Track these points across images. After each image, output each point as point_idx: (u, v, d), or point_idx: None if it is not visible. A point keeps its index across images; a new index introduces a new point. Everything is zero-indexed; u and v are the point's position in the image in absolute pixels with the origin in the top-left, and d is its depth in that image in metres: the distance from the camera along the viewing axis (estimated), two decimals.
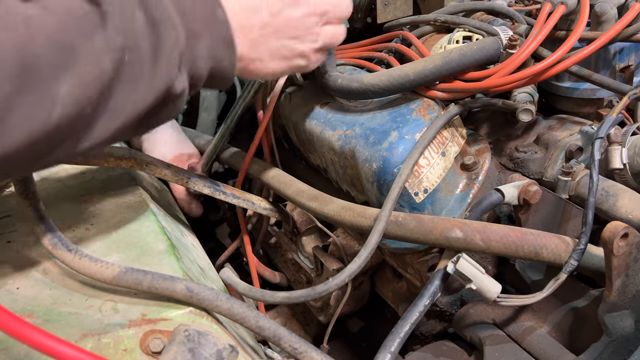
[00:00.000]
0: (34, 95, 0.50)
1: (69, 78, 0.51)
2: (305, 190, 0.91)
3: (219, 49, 0.65)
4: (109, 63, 0.54)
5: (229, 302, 0.59)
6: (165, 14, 0.60)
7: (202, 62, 0.63)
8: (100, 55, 0.54)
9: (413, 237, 0.74)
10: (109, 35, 0.54)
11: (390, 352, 0.65)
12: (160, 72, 0.59)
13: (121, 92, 0.56)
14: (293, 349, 0.59)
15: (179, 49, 0.61)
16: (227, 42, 0.65)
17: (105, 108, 0.56)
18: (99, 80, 0.54)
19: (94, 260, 0.62)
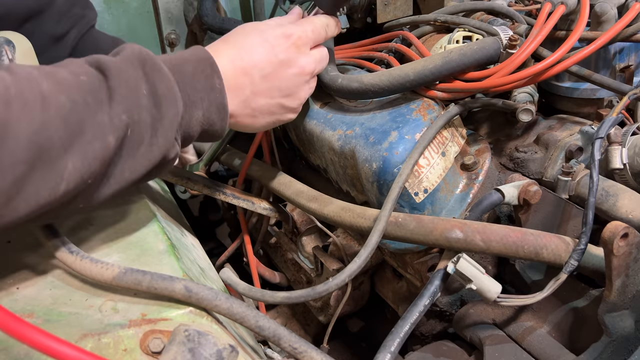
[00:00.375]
0: (44, 175, 0.52)
1: (75, 155, 0.54)
2: (305, 191, 0.91)
3: (212, 115, 0.69)
4: (113, 140, 0.57)
5: (228, 301, 0.59)
6: (168, 88, 0.63)
7: (196, 126, 0.68)
8: (106, 133, 0.57)
9: (413, 238, 0.74)
10: (115, 112, 0.58)
11: (390, 352, 0.65)
12: (158, 144, 0.63)
13: (121, 163, 0.60)
14: (293, 348, 0.59)
15: (177, 121, 0.64)
16: (221, 108, 0.70)
17: (106, 177, 0.59)
18: (102, 155, 0.57)
19: (95, 261, 0.61)
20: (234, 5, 1.63)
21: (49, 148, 0.52)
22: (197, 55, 0.69)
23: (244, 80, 0.74)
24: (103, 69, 0.59)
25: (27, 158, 0.50)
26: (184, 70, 0.67)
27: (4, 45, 0.76)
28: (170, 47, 1.54)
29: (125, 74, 0.60)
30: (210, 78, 0.68)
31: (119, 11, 1.46)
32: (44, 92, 0.53)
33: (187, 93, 0.66)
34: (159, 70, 0.63)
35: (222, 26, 1.40)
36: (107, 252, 0.68)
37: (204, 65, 0.69)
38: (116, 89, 0.58)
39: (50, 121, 0.52)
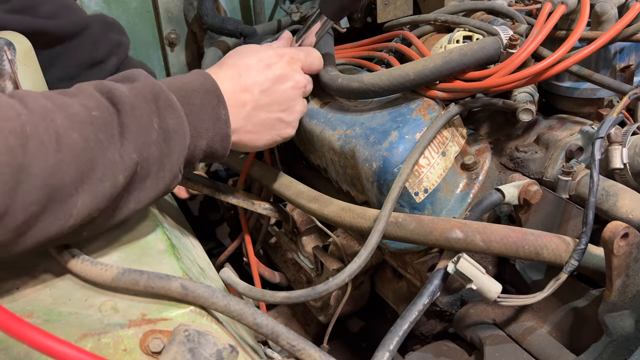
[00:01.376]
0: (54, 213, 0.53)
1: (86, 193, 0.55)
2: (305, 191, 0.91)
3: (216, 144, 0.72)
4: (122, 179, 0.59)
5: (226, 299, 0.59)
6: (178, 123, 0.65)
7: (199, 155, 0.71)
8: (116, 172, 0.58)
9: (413, 238, 0.74)
10: (126, 150, 0.59)
11: (389, 350, 0.65)
12: (164, 177, 0.65)
13: (127, 197, 0.62)
14: (291, 346, 0.59)
15: (184, 155, 0.67)
16: (225, 137, 0.73)
17: (112, 210, 0.61)
18: (111, 194, 0.58)
19: (94, 263, 0.62)
20: (234, 5, 1.64)
21: (61, 188, 0.53)
22: (205, 86, 0.71)
23: (245, 97, 0.77)
24: (115, 103, 0.60)
25: (40, 199, 0.51)
26: (192, 102, 0.69)
27: (4, 46, 0.76)
28: (170, 46, 1.54)
29: (139, 111, 0.61)
30: (217, 109, 0.71)
31: (119, 11, 1.46)
32: (59, 131, 0.53)
33: (194, 125, 0.68)
34: (170, 105, 0.65)
35: (222, 26, 1.40)
36: (107, 252, 0.68)
37: (211, 97, 0.71)
38: (128, 126, 0.59)
39: (64, 161, 0.53)
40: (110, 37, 1.10)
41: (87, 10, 1.38)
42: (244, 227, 1.13)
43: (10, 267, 0.64)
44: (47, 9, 0.97)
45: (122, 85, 0.63)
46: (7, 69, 0.75)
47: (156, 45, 1.55)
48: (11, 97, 0.54)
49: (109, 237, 0.71)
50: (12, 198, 0.49)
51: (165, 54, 1.55)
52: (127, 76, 0.66)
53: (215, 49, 1.40)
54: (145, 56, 1.54)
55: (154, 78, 0.67)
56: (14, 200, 0.49)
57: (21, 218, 0.50)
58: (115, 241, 0.71)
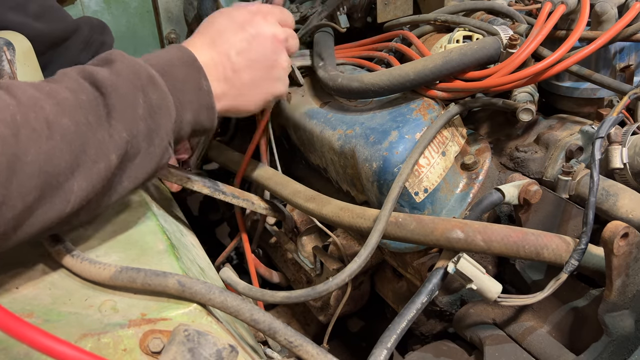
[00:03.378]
0: (52, 199, 0.54)
1: (81, 176, 0.56)
2: (302, 191, 0.91)
3: (201, 115, 0.72)
4: (115, 158, 0.59)
5: (222, 295, 0.59)
6: (162, 97, 0.65)
7: (186, 127, 0.71)
8: (108, 152, 0.58)
9: (413, 238, 0.74)
10: (115, 129, 0.59)
11: (387, 347, 0.65)
12: (155, 152, 0.65)
13: (121, 176, 0.62)
14: (289, 342, 0.59)
15: (171, 127, 0.67)
16: (209, 107, 0.72)
17: (108, 191, 0.61)
18: (106, 174, 0.58)
19: (93, 262, 0.62)
20: None
21: (57, 174, 0.53)
22: (183, 59, 0.71)
23: (222, 60, 0.76)
24: (99, 86, 0.60)
25: (36, 186, 0.51)
26: (173, 75, 0.68)
27: (3, 46, 0.76)
28: None
29: (122, 89, 0.61)
30: (198, 80, 0.71)
31: (119, 11, 1.46)
32: (49, 117, 0.53)
33: (178, 98, 0.68)
34: (152, 81, 0.65)
35: None
36: (107, 252, 0.68)
37: (190, 69, 0.71)
38: (115, 106, 0.60)
39: (57, 147, 0.53)
40: (95, 39, 1.10)
41: (87, 11, 1.38)
42: (240, 227, 1.13)
43: (10, 267, 0.64)
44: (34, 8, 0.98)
45: (102, 68, 0.63)
46: (7, 69, 0.75)
47: (156, 45, 1.55)
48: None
49: (109, 236, 0.71)
50: (8, 188, 0.49)
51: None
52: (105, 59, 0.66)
53: None
54: None
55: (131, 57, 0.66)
56: (10, 189, 0.49)
57: (19, 207, 0.50)
58: (115, 241, 0.71)
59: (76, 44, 1.06)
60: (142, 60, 0.67)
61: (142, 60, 0.67)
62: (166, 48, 0.74)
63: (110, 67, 0.64)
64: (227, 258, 1.20)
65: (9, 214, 0.50)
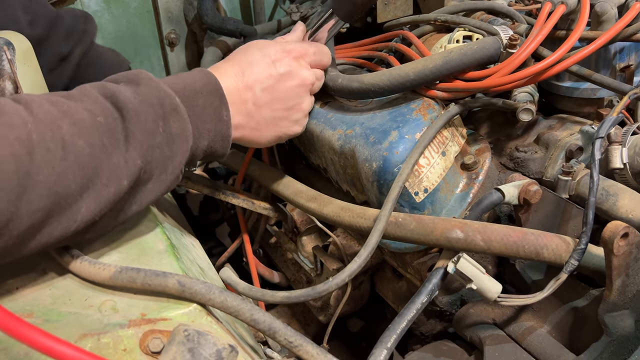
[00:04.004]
0: (59, 219, 0.54)
1: (90, 199, 0.56)
2: (304, 190, 0.91)
3: (217, 144, 0.72)
4: (126, 184, 0.59)
5: (223, 295, 0.59)
6: (182, 127, 0.65)
7: (199, 155, 0.71)
8: (121, 177, 0.58)
9: (413, 238, 0.74)
10: (130, 155, 0.59)
11: (387, 347, 0.65)
12: (166, 180, 0.65)
13: (130, 200, 0.62)
14: (288, 342, 0.59)
15: (186, 157, 0.67)
16: (225, 138, 0.73)
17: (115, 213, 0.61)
18: (115, 198, 0.58)
19: (93, 263, 0.62)
20: (234, 4, 1.64)
21: (66, 195, 0.53)
22: (208, 87, 0.71)
23: (246, 95, 0.76)
24: (120, 107, 0.60)
25: (45, 206, 0.51)
26: (195, 103, 0.69)
27: (3, 46, 0.76)
28: (170, 46, 1.54)
29: (144, 116, 0.61)
30: (219, 110, 0.71)
31: (119, 11, 1.46)
32: (64, 137, 0.53)
33: (197, 126, 0.68)
34: (175, 109, 0.64)
35: (222, 26, 1.40)
36: (107, 252, 0.68)
37: (214, 97, 0.71)
38: (133, 132, 0.59)
39: (70, 168, 0.53)
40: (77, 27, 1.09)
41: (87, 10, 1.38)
42: (242, 227, 1.13)
43: (10, 267, 0.64)
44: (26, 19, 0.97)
45: (126, 88, 0.62)
46: (7, 69, 0.75)
47: (156, 45, 1.55)
48: (16, 102, 0.53)
49: (109, 237, 0.71)
50: (18, 205, 0.49)
51: (165, 53, 1.56)
52: (130, 78, 0.65)
53: (214, 49, 1.40)
54: (145, 56, 1.54)
55: (157, 80, 0.66)
56: (19, 207, 0.49)
57: (26, 224, 0.50)
58: (115, 241, 0.71)
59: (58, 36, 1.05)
60: (167, 84, 0.67)
61: (167, 85, 0.66)
62: (193, 72, 0.74)
63: (135, 88, 0.63)
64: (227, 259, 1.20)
65: (16, 231, 0.50)
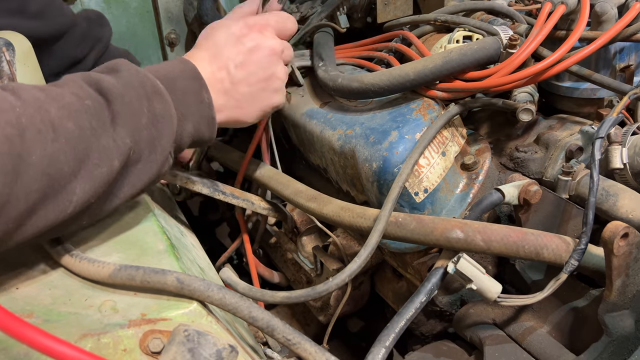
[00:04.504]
0: (54, 201, 0.54)
1: (83, 180, 0.57)
2: (304, 190, 0.91)
3: (202, 127, 0.74)
4: (117, 163, 0.60)
5: (221, 292, 0.59)
6: (165, 107, 0.67)
7: (187, 138, 0.72)
8: (112, 157, 0.59)
9: (413, 238, 0.74)
10: (119, 135, 0.60)
11: (385, 346, 0.65)
12: (155, 160, 0.66)
13: (122, 181, 0.63)
14: (287, 340, 0.59)
15: (173, 137, 0.68)
16: (210, 120, 0.74)
17: (109, 196, 0.62)
18: (108, 179, 0.59)
19: (92, 261, 0.62)
20: (234, 4, 1.63)
21: (60, 176, 0.54)
22: (186, 72, 0.73)
23: (221, 75, 0.78)
24: (104, 93, 0.61)
25: (39, 188, 0.52)
26: (176, 87, 0.70)
27: (2, 47, 0.76)
28: (170, 46, 1.54)
29: (128, 97, 0.62)
30: (199, 93, 0.73)
31: (119, 11, 1.46)
32: (54, 120, 0.54)
33: (180, 109, 0.70)
34: (157, 91, 0.66)
35: None
36: (107, 252, 0.68)
37: (193, 82, 0.73)
38: (119, 113, 0.61)
39: (61, 149, 0.54)
40: (92, 33, 1.11)
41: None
42: (242, 228, 1.13)
43: (10, 267, 0.64)
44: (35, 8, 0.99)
45: (108, 76, 0.64)
46: (6, 70, 0.75)
47: (156, 45, 1.55)
48: (4, 89, 0.55)
49: (109, 237, 0.71)
50: (13, 187, 0.50)
51: (165, 54, 1.55)
52: (110, 67, 0.67)
53: None
54: (145, 56, 1.54)
55: (137, 66, 0.68)
56: (14, 189, 0.50)
57: (22, 207, 0.51)
58: (115, 241, 0.71)
59: (72, 39, 1.07)
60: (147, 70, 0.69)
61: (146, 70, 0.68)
62: (169, 61, 0.76)
63: (116, 75, 0.65)
64: (227, 258, 1.20)
65: (12, 213, 0.51)
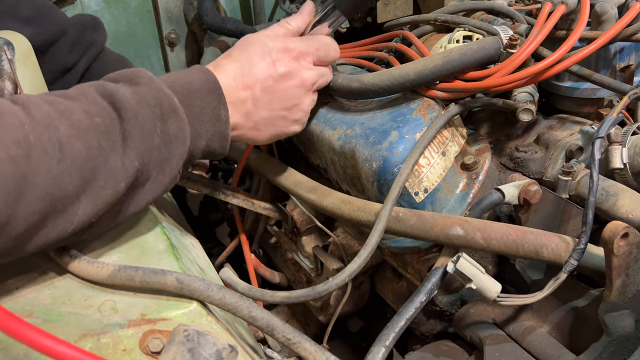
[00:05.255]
0: (55, 222, 0.53)
1: (87, 201, 0.55)
2: (304, 181, 0.91)
3: (215, 144, 0.72)
4: (124, 186, 0.58)
5: (221, 292, 0.59)
6: (180, 128, 0.64)
7: (197, 154, 0.71)
8: (118, 179, 0.58)
9: (413, 233, 0.74)
10: (128, 157, 0.58)
11: (385, 346, 0.65)
12: (164, 180, 0.65)
13: (127, 202, 0.62)
14: (287, 339, 0.59)
15: (184, 158, 0.66)
16: (223, 137, 0.72)
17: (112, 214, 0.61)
18: (112, 200, 0.58)
19: (91, 262, 0.62)
20: (234, 4, 1.64)
21: (63, 197, 0.53)
22: (206, 86, 0.70)
23: (245, 95, 0.76)
24: (118, 108, 0.59)
25: (42, 209, 0.51)
26: (193, 103, 0.68)
27: (3, 46, 0.76)
28: (170, 46, 1.54)
29: (142, 117, 0.60)
30: (217, 110, 0.70)
31: (119, 11, 1.46)
32: (62, 139, 0.53)
33: (195, 127, 0.68)
34: (174, 110, 0.64)
35: (221, 26, 1.40)
36: (107, 253, 0.68)
37: (212, 97, 0.70)
38: (131, 133, 0.59)
39: (66, 171, 0.52)
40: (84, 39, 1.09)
41: (87, 11, 1.38)
42: (239, 227, 1.13)
43: (10, 267, 0.64)
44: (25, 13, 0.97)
45: (125, 88, 0.62)
46: (7, 69, 0.75)
47: (156, 45, 1.55)
48: (14, 103, 0.53)
49: (109, 237, 0.71)
50: (14, 208, 0.49)
51: (165, 53, 1.56)
52: (129, 77, 0.65)
53: (214, 49, 1.40)
54: (145, 56, 1.54)
55: (156, 80, 0.66)
56: (16, 210, 0.49)
57: (22, 227, 0.50)
58: (114, 241, 0.71)
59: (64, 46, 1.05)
60: (165, 83, 0.66)
61: (165, 85, 0.66)
62: (191, 69, 0.73)
63: (133, 88, 0.63)
64: (226, 258, 1.20)
65: (12, 233, 0.50)
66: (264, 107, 0.77)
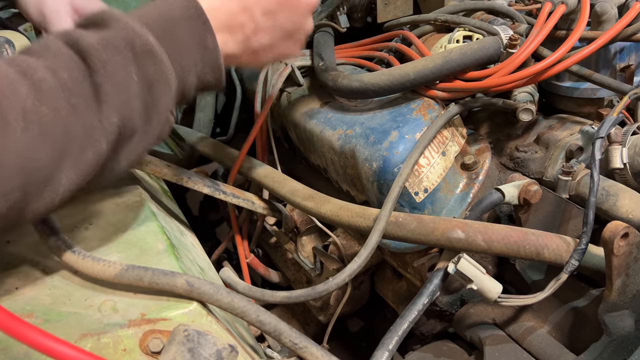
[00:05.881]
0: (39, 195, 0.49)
1: (68, 168, 0.50)
2: (300, 189, 0.90)
3: (207, 76, 0.63)
4: (105, 145, 0.53)
5: (230, 296, 0.59)
6: (159, 69, 0.57)
7: (190, 90, 0.62)
8: (98, 139, 0.52)
9: (414, 238, 0.74)
10: (105, 114, 0.52)
11: (389, 349, 0.65)
12: (152, 129, 0.58)
13: (116, 158, 0.56)
14: (293, 344, 0.59)
15: (172, 100, 0.59)
16: (216, 67, 0.63)
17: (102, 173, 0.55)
18: (96, 162, 0.53)
19: (97, 260, 0.61)
20: None
21: (40, 168, 0.48)
22: (188, 13, 0.60)
23: (243, 19, 0.65)
24: (85, 56, 0.52)
25: (19, 184, 0.46)
26: (174, 36, 0.59)
27: (4, 44, 0.76)
28: None
29: (111, 66, 0.53)
30: (203, 38, 0.61)
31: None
32: (24, 105, 0.47)
33: (180, 63, 0.59)
34: (149, 51, 0.56)
35: None
36: (107, 252, 0.68)
37: (196, 23, 0.60)
38: (103, 86, 0.52)
39: (35, 140, 0.47)
40: None
41: None
42: (234, 225, 1.12)
43: (10, 267, 0.64)
44: None
45: (91, 35, 0.54)
46: None
47: None
48: None
49: (108, 236, 0.71)
50: None
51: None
52: (97, 21, 0.56)
53: None
54: None
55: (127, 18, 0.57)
56: None
57: (4, 207, 0.46)
58: (114, 241, 0.71)
59: None
60: (139, 20, 0.57)
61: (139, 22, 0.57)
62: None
63: (100, 33, 0.55)
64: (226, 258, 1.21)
65: None
66: (264, 33, 0.67)
